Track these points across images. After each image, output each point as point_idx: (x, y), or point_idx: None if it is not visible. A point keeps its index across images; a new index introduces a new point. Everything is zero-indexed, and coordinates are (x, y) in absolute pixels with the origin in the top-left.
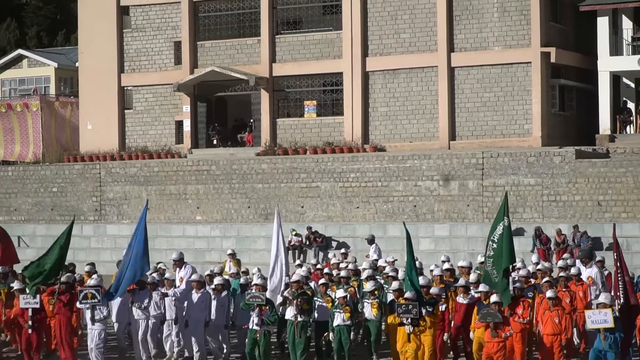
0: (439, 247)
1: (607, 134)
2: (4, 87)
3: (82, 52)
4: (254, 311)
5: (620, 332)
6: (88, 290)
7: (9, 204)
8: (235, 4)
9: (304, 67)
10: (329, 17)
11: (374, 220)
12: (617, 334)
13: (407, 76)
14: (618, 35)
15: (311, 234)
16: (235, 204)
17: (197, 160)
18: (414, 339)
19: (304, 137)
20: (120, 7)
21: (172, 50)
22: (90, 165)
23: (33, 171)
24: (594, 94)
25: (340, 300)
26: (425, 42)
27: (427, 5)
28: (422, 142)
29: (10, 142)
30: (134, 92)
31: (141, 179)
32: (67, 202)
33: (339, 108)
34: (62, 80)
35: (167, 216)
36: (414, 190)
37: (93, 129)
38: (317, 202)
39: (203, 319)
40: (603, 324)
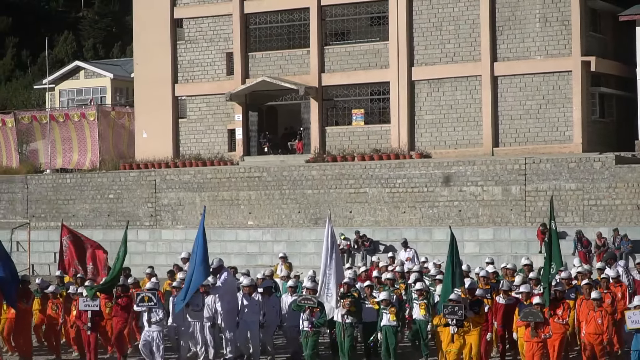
0: (483, 251)
1: None
2: (62, 97)
3: (137, 64)
4: (304, 313)
5: None
6: (145, 294)
7: (67, 210)
8: (285, 16)
9: (352, 77)
10: (376, 28)
11: (420, 224)
12: None
13: (452, 85)
14: None
15: (359, 238)
16: (286, 209)
17: (249, 167)
18: (458, 339)
19: (352, 145)
20: (174, 19)
21: (224, 61)
22: (145, 173)
23: (90, 178)
24: (633, 101)
25: (383, 302)
26: (469, 52)
27: (471, 17)
28: (467, 148)
29: (68, 151)
30: (187, 101)
31: (195, 185)
32: (123, 208)
33: (385, 116)
34: (118, 90)
35: (220, 221)
36: (458, 195)
37: (148, 138)
38: (365, 207)
39: (257, 322)
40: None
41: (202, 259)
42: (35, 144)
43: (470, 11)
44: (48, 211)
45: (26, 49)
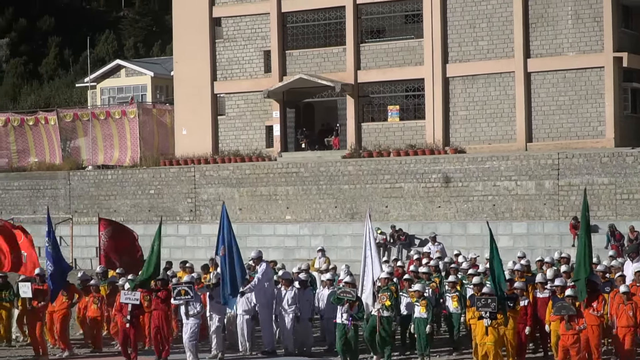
0: (517, 244)
1: None
2: (103, 95)
3: (176, 62)
4: (342, 306)
5: None
6: (182, 287)
7: (109, 205)
8: (322, 14)
9: (388, 74)
10: (411, 26)
11: (454, 219)
12: None
13: (486, 81)
14: None
15: (395, 233)
16: (323, 204)
17: (287, 163)
18: (492, 332)
19: (387, 140)
20: (212, 18)
21: (262, 58)
22: (185, 169)
23: (131, 174)
24: None
25: (416, 294)
26: (503, 49)
27: (504, 14)
28: (500, 143)
29: (109, 148)
30: (226, 99)
31: (234, 181)
32: (164, 204)
33: (420, 112)
34: (158, 88)
35: (258, 216)
36: (492, 189)
37: (188, 134)
38: (401, 202)
39: (293, 314)
40: None
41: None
42: (77, 141)
43: (503, 8)
44: (90, 207)
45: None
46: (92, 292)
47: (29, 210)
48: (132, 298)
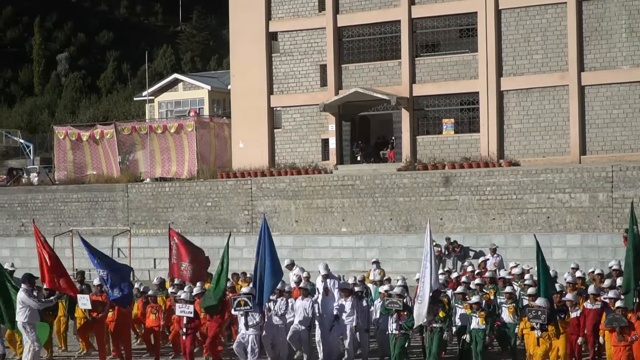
0: (571, 256)
1: None
2: (160, 109)
3: (233, 76)
4: (392, 316)
5: None
6: (241, 298)
7: (166, 217)
8: (377, 28)
9: (442, 87)
10: (465, 40)
11: (509, 231)
12: None
13: (540, 95)
14: None
15: (450, 245)
16: (378, 217)
17: (342, 175)
18: (543, 343)
19: (442, 153)
20: (269, 33)
21: (318, 72)
22: (242, 181)
23: (189, 187)
24: None
25: (474, 306)
26: (557, 62)
27: (558, 28)
28: (554, 156)
29: (166, 161)
30: (282, 112)
31: (290, 193)
32: (221, 216)
33: (475, 125)
34: (215, 102)
35: (314, 228)
36: (547, 202)
37: (244, 147)
38: (455, 214)
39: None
40: None
41: (272, 264)
42: (135, 154)
43: (557, 22)
44: (148, 219)
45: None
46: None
47: (88, 223)
48: (186, 311)
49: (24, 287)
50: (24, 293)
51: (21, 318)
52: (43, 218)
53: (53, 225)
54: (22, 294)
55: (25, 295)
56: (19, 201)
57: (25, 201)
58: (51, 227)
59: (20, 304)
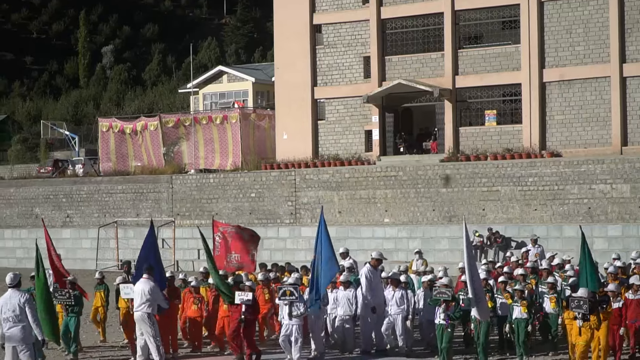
0: (612, 247)
1: None
2: (205, 101)
3: (277, 68)
4: (440, 307)
5: None
6: (287, 288)
7: (211, 208)
8: (420, 20)
9: (485, 79)
10: (508, 32)
11: (550, 221)
12: None
13: (582, 86)
14: None
15: (492, 235)
16: (421, 207)
17: (385, 166)
18: (585, 332)
19: (484, 144)
20: (313, 25)
21: (361, 64)
22: (285, 172)
23: (233, 178)
24: None
25: (517, 294)
26: (599, 54)
27: (600, 19)
28: (596, 147)
29: (210, 152)
30: (326, 104)
31: (333, 184)
32: (265, 207)
33: (517, 117)
34: (259, 94)
35: (357, 219)
36: (588, 193)
37: (288, 139)
38: (498, 204)
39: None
40: None
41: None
42: (180, 146)
43: (599, 14)
44: (192, 210)
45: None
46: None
47: (132, 214)
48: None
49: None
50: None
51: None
52: (88, 209)
53: (98, 216)
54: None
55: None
56: (64, 192)
57: (71, 192)
58: (96, 218)
59: (148, 294)
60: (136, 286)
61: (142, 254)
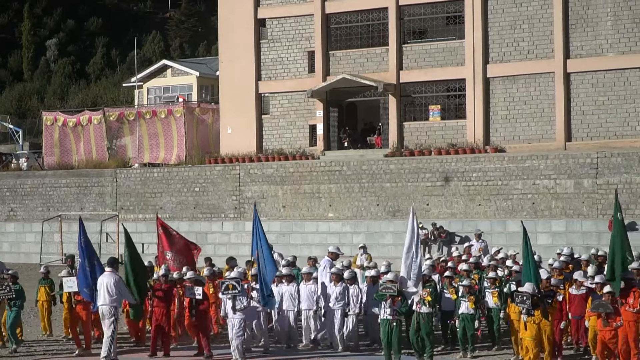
0: (556, 242)
1: None
2: (149, 95)
3: (222, 62)
4: (386, 302)
5: None
6: (229, 282)
7: (155, 202)
8: (365, 15)
9: (429, 74)
10: (452, 27)
11: (494, 216)
12: None
13: (526, 82)
14: None
15: (436, 230)
16: (365, 202)
17: (330, 161)
18: (531, 327)
19: (429, 139)
20: (257, 19)
21: (305, 59)
22: (230, 167)
23: (177, 172)
24: None
25: (465, 289)
26: (543, 50)
27: (545, 15)
28: (540, 143)
29: (155, 146)
30: (270, 98)
31: (277, 179)
32: (209, 201)
33: (461, 112)
34: (204, 88)
35: (301, 213)
36: (532, 188)
37: (232, 133)
38: (442, 200)
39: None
40: None
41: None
42: (123, 140)
43: (543, 10)
44: (136, 204)
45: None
46: None
47: (76, 207)
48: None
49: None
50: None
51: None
52: (32, 203)
53: (42, 210)
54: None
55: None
56: (7, 186)
57: (14, 186)
58: (40, 212)
59: (113, 288)
60: (99, 280)
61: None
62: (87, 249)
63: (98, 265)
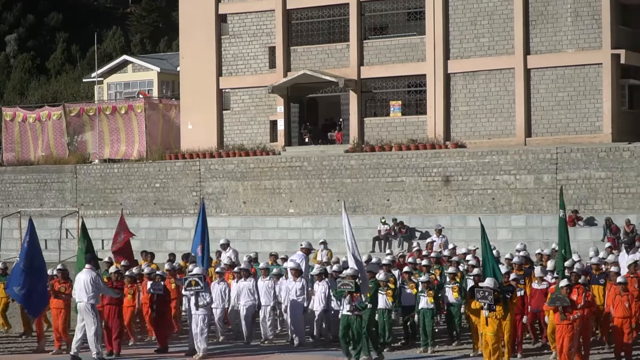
0: (516, 237)
1: None
2: (110, 90)
3: (183, 57)
4: (345, 298)
5: None
6: (192, 278)
7: (115, 198)
8: (326, 11)
9: (390, 70)
10: (413, 23)
11: (455, 212)
12: None
13: (486, 77)
14: None
15: (396, 225)
16: (326, 198)
17: (290, 157)
18: (492, 323)
19: (389, 135)
20: (218, 15)
21: (266, 54)
22: (190, 162)
23: (137, 168)
24: None
25: (423, 285)
26: (503, 46)
27: (505, 11)
28: (500, 138)
29: (116, 142)
30: (231, 94)
31: (238, 174)
32: (169, 197)
33: (422, 107)
34: (164, 83)
35: (262, 209)
36: (492, 183)
37: (193, 129)
38: (402, 195)
39: (302, 306)
40: None
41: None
42: (84, 136)
43: (504, 6)
44: (96, 200)
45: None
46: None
47: (36, 204)
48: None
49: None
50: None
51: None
52: None
53: (1, 206)
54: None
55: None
56: None
57: None
58: None
59: (90, 285)
60: (78, 276)
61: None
62: (30, 249)
63: (39, 266)
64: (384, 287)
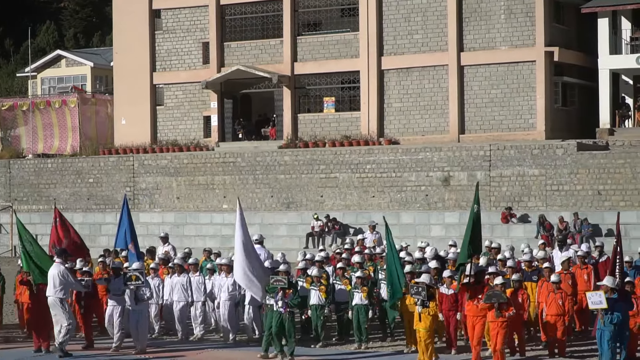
0: (449, 234)
1: (607, 128)
2: (43, 85)
3: (116, 53)
4: (277, 294)
5: (619, 312)
6: (132, 273)
7: (49, 193)
8: (259, 7)
9: (324, 66)
10: (347, 19)
11: (388, 208)
12: (614, 314)
13: (420, 74)
14: (617, 35)
15: (329, 222)
16: (259, 194)
17: (224, 152)
18: (425, 319)
19: (323, 131)
20: (152, 10)
21: (200, 50)
22: (124, 158)
23: (71, 163)
24: (594, 90)
25: (357, 281)
26: (437, 42)
27: (438, 8)
28: (434, 135)
29: (49, 137)
30: (165, 89)
31: (171, 170)
32: (103, 192)
33: (356, 104)
34: (98, 78)
35: (195, 205)
36: (425, 180)
37: (127, 124)
38: (336, 191)
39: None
40: (599, 305)
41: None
42: (17, 130)
43: (437, 3)
44: (30, 195)
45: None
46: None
47: None
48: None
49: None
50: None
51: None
52: None
53: None
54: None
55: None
56: None
57: None
58: None
59: (59, 278)
60: (49, 271)
61: None
62: None
63: None
64: (317, 282)
